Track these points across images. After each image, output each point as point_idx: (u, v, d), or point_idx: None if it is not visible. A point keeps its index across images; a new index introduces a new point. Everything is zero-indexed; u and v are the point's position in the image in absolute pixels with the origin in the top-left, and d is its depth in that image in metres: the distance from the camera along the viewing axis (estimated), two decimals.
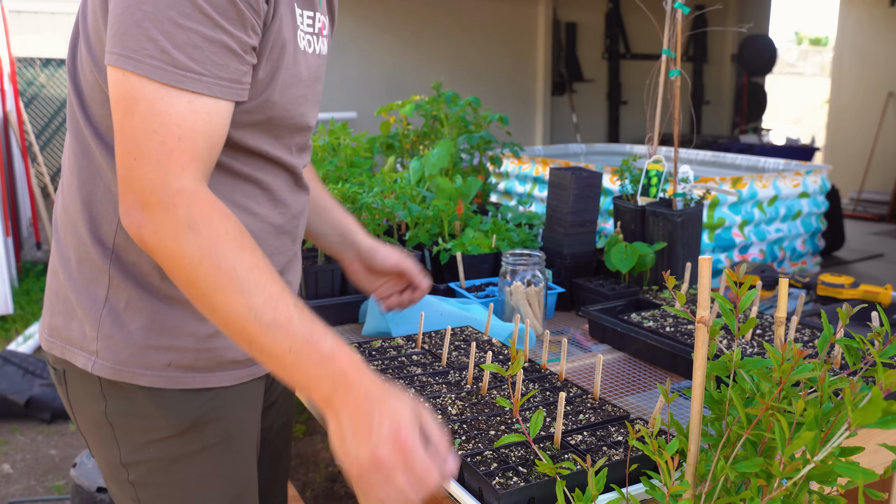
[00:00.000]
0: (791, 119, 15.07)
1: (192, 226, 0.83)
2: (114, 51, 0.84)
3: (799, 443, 0.56)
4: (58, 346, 1.02)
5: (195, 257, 0.82)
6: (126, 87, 0.83)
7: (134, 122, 0.83)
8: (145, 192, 0.83)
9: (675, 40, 1.63)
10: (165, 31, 0.82)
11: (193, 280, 0.83)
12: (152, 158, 0.83)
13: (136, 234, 0.85)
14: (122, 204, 0.86)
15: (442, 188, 2.05)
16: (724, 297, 0.69)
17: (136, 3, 0.82)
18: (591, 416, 1.08)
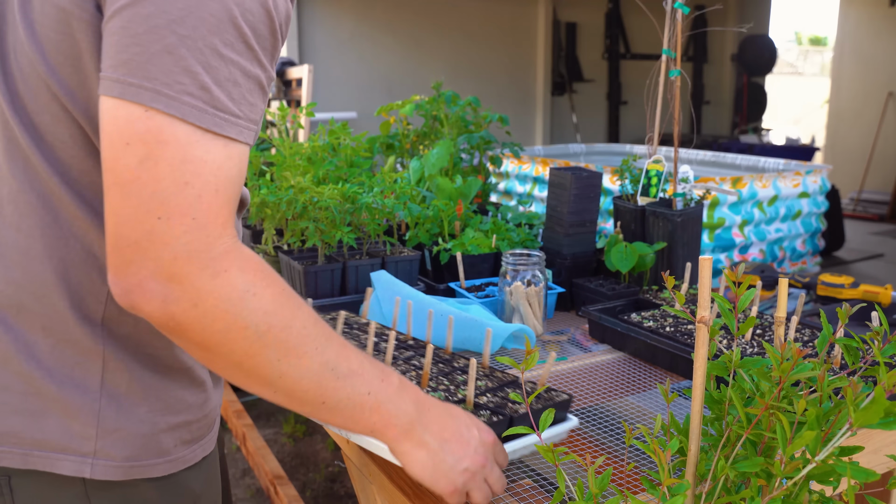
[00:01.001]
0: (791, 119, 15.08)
1: (251, 290, 0.70)
2: (130, 80, 0.66)
3: (800, 442, 0.56)
4: (13, 454, 0.77)
5: (261, 325, 0.71)
6: (147, 126, 0.66)
7: (159, 170, 0.66)
8: (178, 259, 0.67)
9: (675, 40, 1.63)
10: (206, 62, 0.67)
11: (253, 353, 0.72)
12: (186, 215, 0.67)
13: (159, 310, 0.68)
14: (125, 275, 0.68)
15: (442, 188, 2.05)
16: (724, 297, 0.69)
17: (167, 23, 0.65)
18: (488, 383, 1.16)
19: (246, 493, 2.95)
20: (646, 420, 1.22)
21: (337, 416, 0.80)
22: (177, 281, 0.67)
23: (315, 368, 0.76)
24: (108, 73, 0.67)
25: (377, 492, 1.19)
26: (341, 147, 2.18)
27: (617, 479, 1.03)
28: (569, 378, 1.39)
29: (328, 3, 6.06)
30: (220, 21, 0.67)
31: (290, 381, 0.75)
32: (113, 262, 0.68)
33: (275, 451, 3.25)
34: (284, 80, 4.45)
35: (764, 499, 0.60)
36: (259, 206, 1.86)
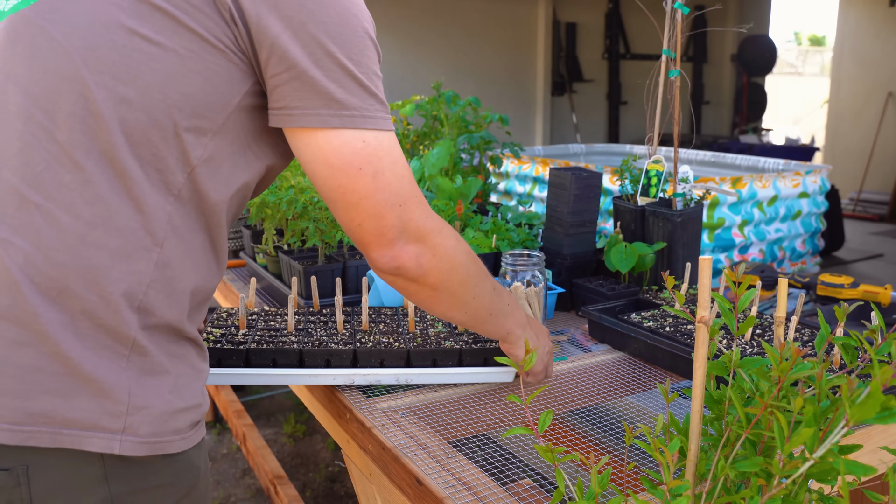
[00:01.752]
0: (791, 119, 15.08)
1: (456, 238, 1.03)
2: (344, 113, 0.88)
3: (798, 440, 0.56)
4: (42, 434, 0.81)
5: (466, 262, 1.04)
6: (367, 150, 0.90)
7: (387, 178, 0.92)
8: (420, 226, 0.96)
9: (675, 40, 1.63)
10: (375, 84, 0.91)
11: (464, 280, 1.04)
12: (413, 197, 0.95)
13: (415, 265, 0.97)
14: (390, 249, 0.95)
15: (442, 188, 2.05)
16: (724, 297, 0.69)
17: (348, 59, 0.88)
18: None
19: (246, 493, 2.95)
20: (646, 420, 1.22)
21: (496, 322, 1.15)
22: (423, 241, 0.97)
23: (489, 289, 1.10)
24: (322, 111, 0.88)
25: (377, 492, 1.20)
26: None
27: (617, 479, 1.04)
28: (569, 378, 1.39)
29: None
30: (372, 51, 0.92)
31: (478, 301, 1.09)
32: (379, 245, 0.95)
33: (275, 451, 3.25)
34: None
35: (764, 497, 0.60)
36: (259, 206, 1.86)
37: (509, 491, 1.00)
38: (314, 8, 0.86)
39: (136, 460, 0.86)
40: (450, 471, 1.04)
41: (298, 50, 0.86)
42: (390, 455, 1.11)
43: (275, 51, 0.86)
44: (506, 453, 1.11)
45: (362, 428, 1.20)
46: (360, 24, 0.90)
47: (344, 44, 0.88)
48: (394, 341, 1.38)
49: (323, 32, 0.87)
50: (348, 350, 1.32)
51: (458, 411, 1.24)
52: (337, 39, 0.87)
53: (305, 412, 3.55)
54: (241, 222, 2.33)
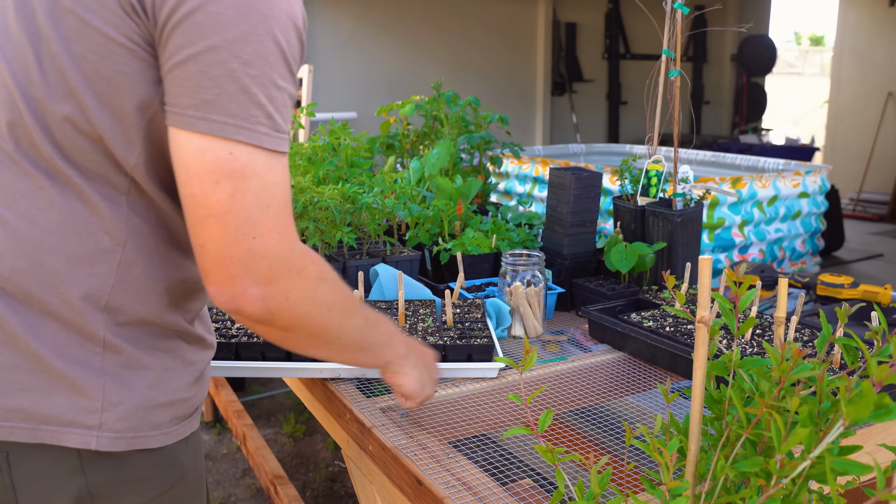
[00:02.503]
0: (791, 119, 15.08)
1: (322, 277, 0.89)
2: (214, 118, 0.77)
3: (794, 439, 0.56)
4: (22, 430, 0.84)
5: (329, 302, 0.91)
6: (233, 165, 0.78)
7: (247, 202, 0.80)
8: (272, 266, 0.82)
9: (674, 40, 1.63)
10: (269, 94, 0.80)
11: (324, 323, 0.91)
12: (273, 232, 0.82)
13: (259, 309, 0.83)
14: (231, 286, 0.82)
15: (442, 188, 2.05)
16: (724, 297, 0.69)
17: (241, 66, 0.77)
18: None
19: (246, 493, 2.95)
20: (646, 420, 1.22)
21: (369, 355, 1.05)
22: (273, 284, 0.83)
23: (360, 323, 0.99)
24: (188, 112, 0.78)
25: (377, 492, 1.20)
26: (341, 147, 2.18)
27: (617, 479, 1.04)
28: (569, 378, 1.39)
29: (328, 3, 6.05)
30: (276, 58, 0.80)
31: (346, 337, 0.97)
32: (217, 278, 0.82)
33: (275, 451, 3.25)
34: None
35: (762, 497, 0.60)
36: None
37: (509, 491, 1.00)
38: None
39: (113, 454, 0.87)
40: (450, 471, 1.04)
41: (182, 38, 0.77)
42: (390, 455, 1.11)
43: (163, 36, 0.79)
44: (506, 453, 1.11)
45: (362, 428, 1.20)
46: (269, 26, 0.79)
47: (237, 41, 0.77)
48: None
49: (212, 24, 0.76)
50: None
51: (458, 411, 1.24)
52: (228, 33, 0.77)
53: (305, 412, 3.55)
54: None
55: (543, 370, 1.42)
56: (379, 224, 1.82)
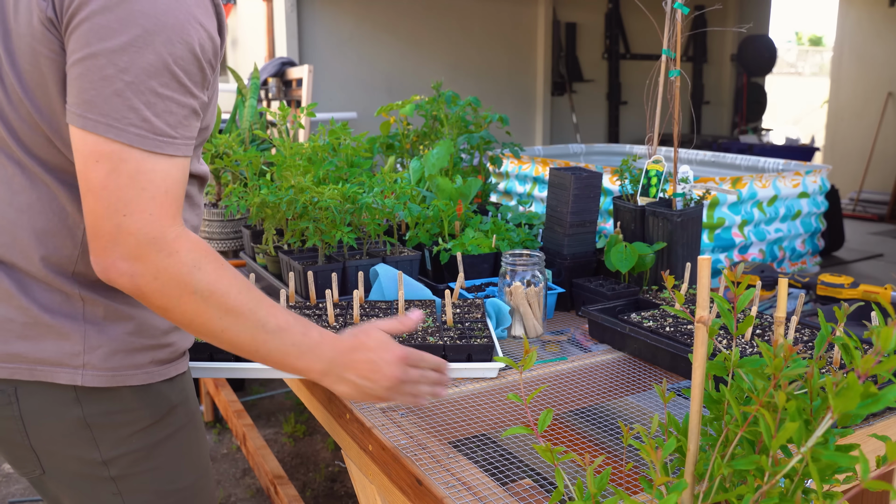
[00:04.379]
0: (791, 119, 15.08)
1: (197, 265, 0.92)
2: (89, 116, 0.87)
3: (784, 435, 0.56)
4: (21, 370, 1.00)
5: (205, 292, 0.93)
6: (108, 149, 0.87)
7: (120, 181, 0.88)
8: (140, 244, 0.89)
9: (674, 40, 1.63)
10: (146, 100, 0.88)
11: (201, 312, 0.93)
12: (145, 212, 0.89)
13: (129, 283, 0.90)
14: (103, 257, 0.90)
15: (442, 188, 2.05)
16: (723, 297, 0.69)
17: (116, 72, 0.86)
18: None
19: (246, 493, 2.95)
20: (645, 420, 1.22)
21: (269, 362, 1.02)
22: (140, 261, 0.89)
23: (249, 326, 0.97)
24: (73, 109, 0.88)
25: (377, 492, 1.20)
26: (341, 147, 2.18)
27: (616, 479, 1.04)
28: (569, 378, 1.39)
29: (328, 3, 6.05)
30: (157, 69, 0.88)
31: (231, 335, 0.96)
32: (93, 248, 0.91)
33: (275, 451, 3.25)
34: (284, 80, 4.45)
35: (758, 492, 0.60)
36: (259, 206, 1.86)
37: (509, 491, 1.00)
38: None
39: (104, 389, 1.02)
40: (450, 471, 1.04)
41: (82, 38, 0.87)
42: (390, 455, 1.11)
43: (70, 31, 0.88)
44: (506, 453, 1.11)
45: (362, 428, 1.20)
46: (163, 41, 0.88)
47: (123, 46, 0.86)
48: None
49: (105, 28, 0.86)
50: None
51: (458, 411, 1.24)
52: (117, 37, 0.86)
53: (305, 412, 3.55)
54: (241, 222, 2.33)
55: (543, 370, 1.42)
56: (379, 224, 1.82)
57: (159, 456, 1.09)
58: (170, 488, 1.11)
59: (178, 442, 1.12)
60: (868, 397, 0.53)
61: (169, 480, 1.11)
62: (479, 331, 1.43)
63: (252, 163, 2.15)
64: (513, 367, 0.78)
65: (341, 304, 1.60)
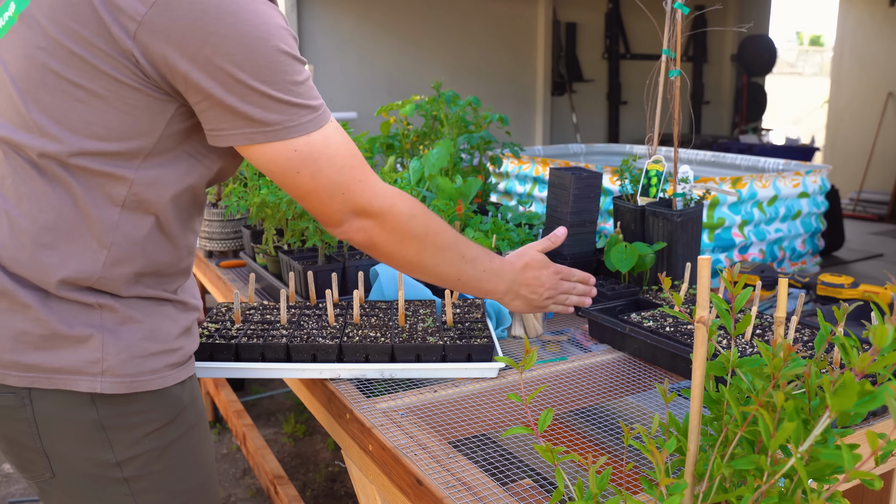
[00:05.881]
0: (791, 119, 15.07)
1: (412, 212, 1.11)
2: (265, 130, 0.96)
3: (782, 434, 0.56)
4: (40, 379, 1.00)
5: (420, 233, 1.12)
6: (303, 156, 0.99)
7: (326, 174, 1.02)
8: (364, 206, 1.06)
9: (674, 40, 1.63)
10: (292, 91, 0.97)
11: (418, 252, 1.13)
12: (356, 182, 1.05)
13: (364, 237, 1.09)
14: (341, 227, 1.08)
15: (442, 188, 2.05)
16: (721, 298, 0.69)
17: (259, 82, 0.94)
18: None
19: (246, 493, 2.95)
20: (645, 420, 1.22)
21: (466, 287, 1.25)
22: (371, 217, 1.08)
23: (455, 258, 1.19)
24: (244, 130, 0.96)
25: (377, 492, 1.20)
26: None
27: (616, 479, 1.04)
28: (569, 378, 1.39)
29: (328, 3, 6.05)
30: (283, 61, 0.96)
31: (440, 268, 1.18)
32: (330, 225, 1.08)
33: (275, 451, 3.25)
34: None
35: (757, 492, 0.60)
36: (259, 206, 1.86)
37: (509, 491, 1.00)
38: (217, 42, 0.91)
39: (119, 394, 1.03)
40: (450, 471, 1.04)
41: (210, 83, 0.92)
42: (390, 455, 1.11)
43: (189, 85, 0.93)
44: (506, 453, 1.11)
45: (362, 428, 1.20)
46: (268, 44, 0.94)
47: (254, 69, 0.93)
48: (381, 336, 1.40)
49: (230, 63, 0.92)
50: (334, 345, 1.35)
51: (458, 411, 1.24)
52: (245, 66, 0.93)
53: (305, 412, 3.55)
54: (241, 222, 2.33)
55: (543, 370, 1.42)
56: None
57: (171, 456, 1.10)
58: (181, 488, 1.12)
59: (189, 442, 1.13)
60: (865, 395, 0.53)
61: (180, 480, 1.12)
62: (479, 331, 1.43)
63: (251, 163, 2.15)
64: (513, 367, 0.78)
65: (341, 304, 1.60)
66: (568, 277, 1.40)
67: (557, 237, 1.44)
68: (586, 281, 1.44)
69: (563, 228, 1.45)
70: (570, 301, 1.42)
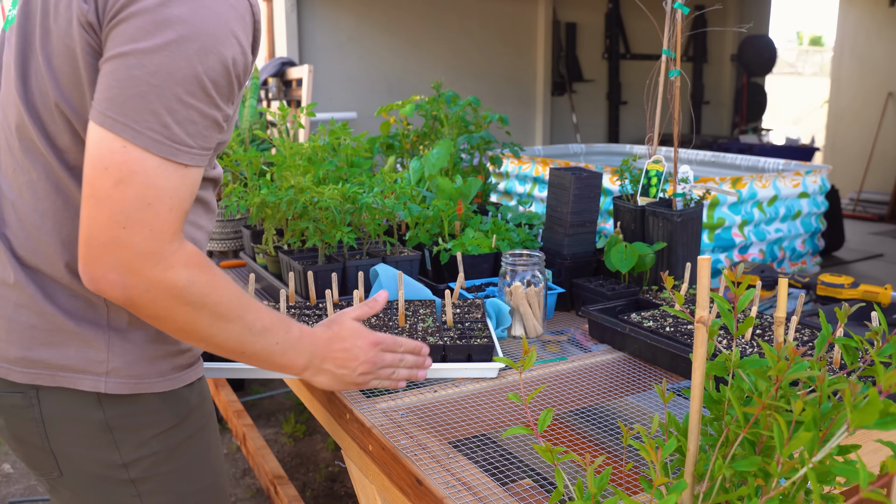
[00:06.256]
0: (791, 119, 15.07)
1: (192, 280, 0.93)
2: (109, 114, 0.86)
3: (797, 443, 0.56)
4: (44, 375, 1.00)
5: (198, 304, 0.94)
6: (123, 157, 0.86)
7: (127, 193, 0.86)
8: (136, 258, 0.88)
9: (674, 40, 1.63)
10: (169, 106, 0.87)
11: (191, 321, 0.95)
12: (146, 227, 0.87)
13: (119, 294, 0.89)
14: (93, 267, 0.88)
15: (442, 188, 2.05)
16: (723, 297, 0.69)
17: (144, 75, 0.85)
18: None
19: (246, 493, 2.95)
20: (645, 420, 1.22)
21: (255, 361, 1.06)
22: (134, 274, 0.88)
23: (238, 330, 1.00)
24: (96, 105, 0.87)
25: (377, 492, 1.20)
26: (341, 147, 2.18)
27: (616, 479, 1.04)
28: (569, 378, 1.39)
29: (328, 3, 6.05)
30: (185, 77, 0.87)
31: (219, 340, 0.99)
32: (83, 256, 0.89)
33: (275, 451, 3.25)
34: (284, 80, 4.44)
35: (762, 498, 0.60)
36: (259, 206, 1.86)
37: (509, 491, 1.00)
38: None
39: (126, 395, 1.02)
40: (450, 471, 1.04)
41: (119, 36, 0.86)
42: (390, 455, 1.11)
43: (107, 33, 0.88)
44: (506, 453, 1.11)
45: (362, 428, 1.20)
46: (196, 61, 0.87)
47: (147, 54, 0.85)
48: None
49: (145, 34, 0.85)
50: None
51: (458, 411, 1.24)
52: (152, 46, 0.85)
53: (305, 412, 3.55)
54: (241, 222, 2.33)
55: (543, 370, 1.42)
56: (379, 224, 1.82)
57: (179, 458, 1.09)
58: (189, 489, 1.12)
59: (197, 443, 1.12)
60: (887, 416, 0.53)
61: (188, 482, 1.11)
62: (479, 331, 1.43)
63: (252, 163, 2.15)
64: (513, 367, 0.78)
65: (341, 304, 1.60)
66: (392, 348, 1.20)
67: (377, 303, 1.25)
68: (417, 351, 1.24)
69: (384, 293, 1.27)
70: (398, 375, 1.22)
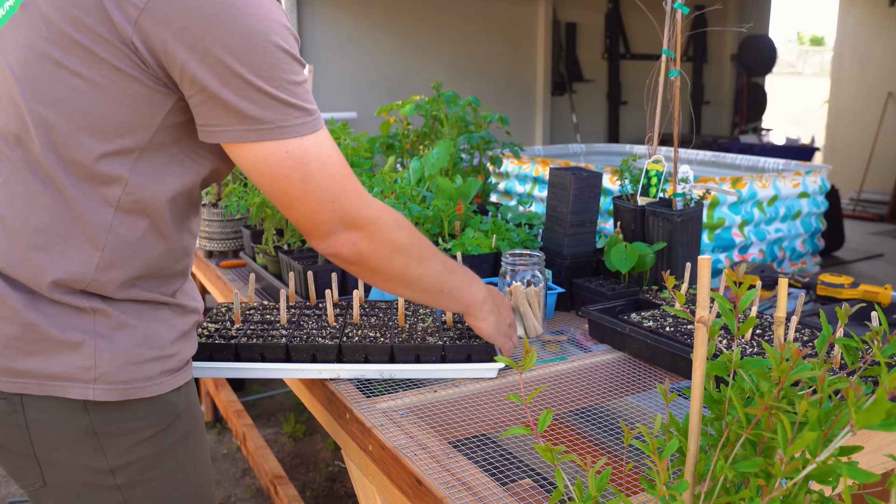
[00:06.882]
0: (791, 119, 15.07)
1: (397, 222, 1.09)
2: (256, 128, 0.94)
3: (800, 443, 0.56)
4: (31, 385, 0.98)
5: (407, 244, 1.10)
6: (294, 158, 0.96)
7: (317, 180, 0.99)
8: (355, 218, 1.04)
9: (674, 40, 1.63)
10: (288, 90, 0.94)
11: (406, 263, 1.11)
12: (345, 191, 1.02)
13: (352, 251, 1.05)
14: (328, 239, 1.04)
15: (442, 188, 2.05)
16: (724, 297, 0.69)
17: (256, 77, 0.91)
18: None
19: (246, 493, 2.95)
20: (646, 420, 1.22)
21: (449, 296, 1.22)
22: (359, 229, 1.05)
23: (437, 268, 1.17)
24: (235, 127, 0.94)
25: (377, 492, 1.20)
26: (341, 147, 2.18)
27: (616, 480, 1.04)
28: (569, 378, 1.39)
29: (328, 3, 6.05)
30: (282, 59, 0.94)
31: (425, 280, 1.15)
32: (317, 236, 1.04)
33: (275, 451, 3.25)
34: None
35: (764, 499, 0.60)
36: (259, 206, 1.86)
37: (509, 491, 1.00)
38: (218, 32, 0.89)
39: (112, 401, 1.01)
40: (450, 471, 1.04)
41: (206, 74, 0.90)
42: (390, 455, 1.11)
43: (185, 75, 0.92)
44: (506, 453, 1.11)
45: (362, 428, 1.20)
46: (269, 39, 0.92)
47: (251, 63, 0.91)
48: (380, 336, 1.40)
49: (228, 55, 0.90)
50: (334, 345, 1.35)
51: (458, 411, 1.24)
52: (243, 60, 0.91)
53: (305, 412, 3.55)
54: (241, 222, 2.33)
55: (543, 370, 1.42)
56: None
57: (166, 463, 1.08)
58: (175, 495, 1.11)
59: (184, 448, 1.11)
60: (892, 417, 0.53)
61: (174, 487, 1.10)
62: None
63: None
64: (513, 367, 0.78)
65: (341, 304, 1.60)
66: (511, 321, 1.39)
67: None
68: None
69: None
70: (514, 342, 1.38)
